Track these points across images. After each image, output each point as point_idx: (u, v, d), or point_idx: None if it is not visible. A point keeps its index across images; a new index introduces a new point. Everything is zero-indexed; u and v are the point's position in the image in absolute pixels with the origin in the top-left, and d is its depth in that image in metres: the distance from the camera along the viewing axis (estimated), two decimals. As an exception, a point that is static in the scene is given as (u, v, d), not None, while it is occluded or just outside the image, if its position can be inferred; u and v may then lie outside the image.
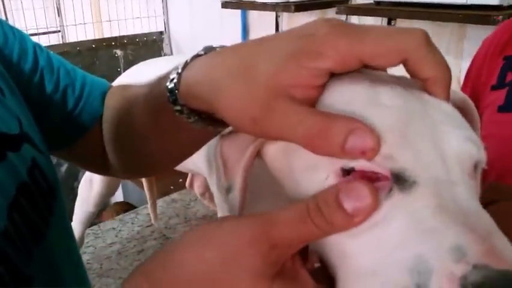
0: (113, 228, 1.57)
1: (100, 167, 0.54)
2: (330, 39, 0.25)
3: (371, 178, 0.25)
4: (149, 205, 1.53)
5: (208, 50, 0.34)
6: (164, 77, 0.37)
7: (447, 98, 0.27)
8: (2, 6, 2.35)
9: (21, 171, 0.36)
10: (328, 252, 0.26)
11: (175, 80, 0.34)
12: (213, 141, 0.33)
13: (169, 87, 0.35)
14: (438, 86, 0.26)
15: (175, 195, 1.75)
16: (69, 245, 0.45)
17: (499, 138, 0.67)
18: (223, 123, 0.32)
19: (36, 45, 0.48)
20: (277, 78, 0.26)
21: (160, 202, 1.69)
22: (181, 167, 1.24)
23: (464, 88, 0.79)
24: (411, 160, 0.24)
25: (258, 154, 0.29)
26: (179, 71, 0.34)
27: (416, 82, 0.27)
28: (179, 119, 0.35)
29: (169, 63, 0.37)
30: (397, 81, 0.28)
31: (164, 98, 0.35)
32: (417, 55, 0.25)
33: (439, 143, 0.25)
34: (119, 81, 1.33)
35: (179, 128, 0.37)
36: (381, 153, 0.24)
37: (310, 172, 0.26)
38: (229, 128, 0.33)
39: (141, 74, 1.25)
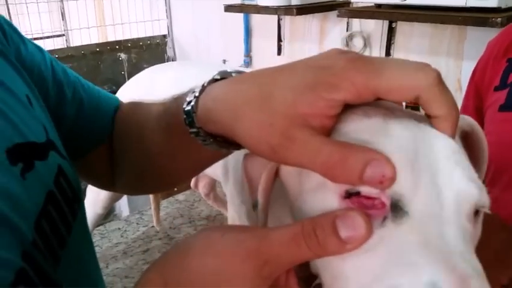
0: (119, 229, 1.59)
1: (105, 183, 0.54)
2: (347, 73, 0.26)
3: (369, 203, 0.25)
4: (152, 208, 1.55)
5: (224, 74, 0.35)
6: (180, 98, 0.38)
7: (453, 135, 0.28)
8: (7, 11, 2.38)
9: (48, 180, 0.37)
10: (322, 271, 0.27)
11: (192, 103, 0.34)
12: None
13: (186, 109, 0.35)
14: (446, 124, 0.27)
15: (179, 196, 1.77)
16: (88, 248, 0.46)
17: (498, 134, 0.69)
18: (236, 145, 0.34)
19: (52, 59, 0.49)
20: (295, 107, 0.27)
21: (164, 203, 1.71)
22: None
23: (468, 89, 0.81)
24: (410, 188, 0.25)
25: (278, 173, 0.30)
26: (197, 94, 0.35)
27: (426, 117, 0.29)
28: (193, 140, 0.36)
29: (177, 72, 0.38)
30: (408, 115, 0.29)
31: (180, 119, 0.36)
32: (428, 94, 0.26)
33: (439, 179, 0.26)
34: (127, 86, 1.34)
35: (192, 148, 0.38)
36: None
37: (317, 192, 0.27)
38: None
39: (150, 82, 1.25)
